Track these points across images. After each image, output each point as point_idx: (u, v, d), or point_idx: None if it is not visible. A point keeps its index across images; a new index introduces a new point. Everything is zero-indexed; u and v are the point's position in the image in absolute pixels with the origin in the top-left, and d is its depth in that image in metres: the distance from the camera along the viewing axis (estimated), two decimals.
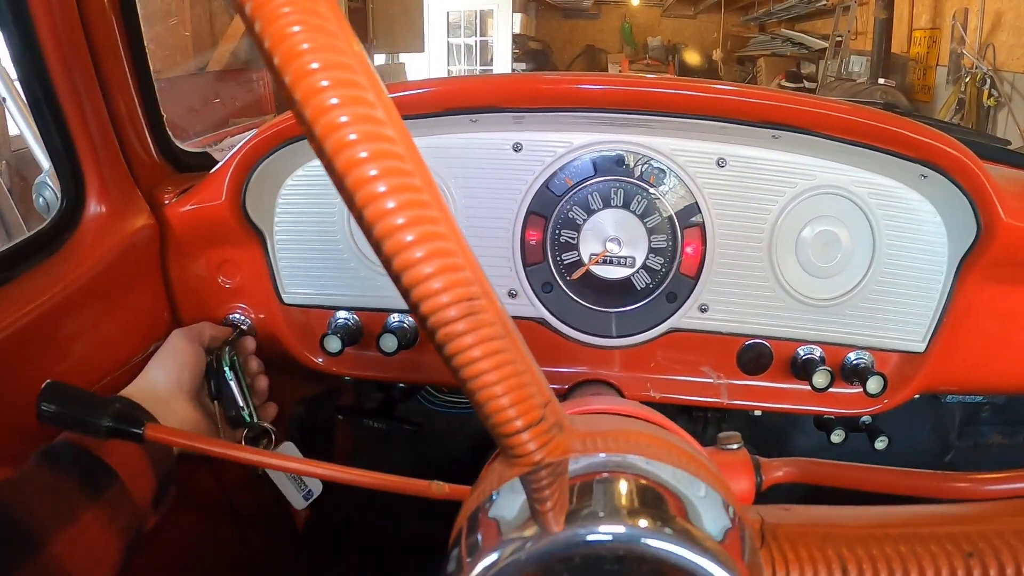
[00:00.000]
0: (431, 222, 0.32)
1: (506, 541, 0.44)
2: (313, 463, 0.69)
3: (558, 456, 0.39)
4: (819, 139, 1.12)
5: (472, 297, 0.33)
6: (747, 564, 0.42)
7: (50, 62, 1.03)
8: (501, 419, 0.36)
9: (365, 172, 0.30)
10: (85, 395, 0.82)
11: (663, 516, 0.43)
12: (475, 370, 0.34)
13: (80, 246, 1.10)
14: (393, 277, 0.32)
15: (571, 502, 0.44)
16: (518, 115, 1.16)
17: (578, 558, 0.42)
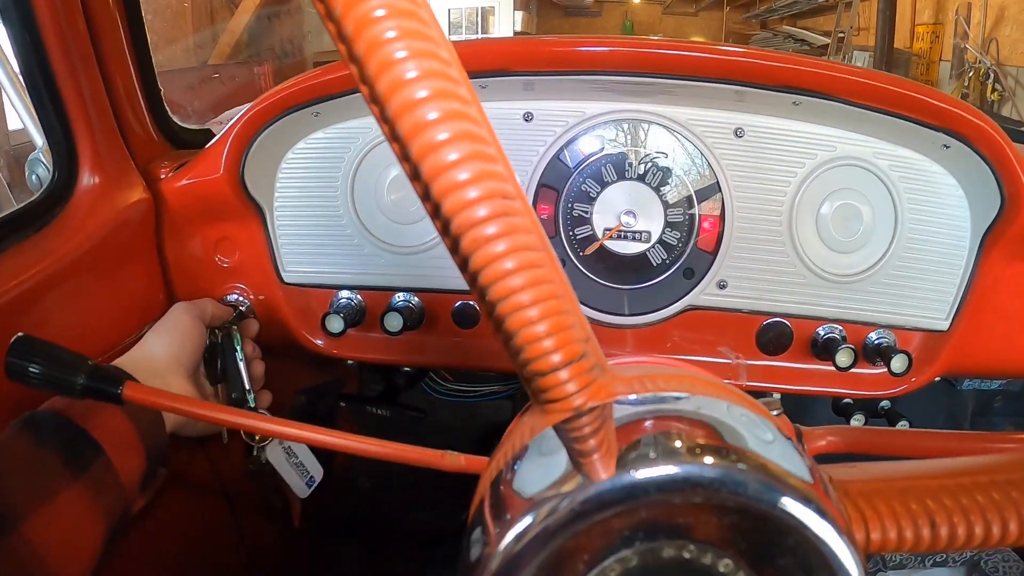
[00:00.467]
0: (461, 101, 0.27)
1: (542, 500, 0.37)
2: (314, 429, 0.63)
3: (602, 399, 0.33)
4: (840, 106, 1.07)
5: (507, 196, 0.28)
6: (836, 506, 0.36)
7: (46, 33, 1.01)
8: (535, 352, 0.30)
9: (381, 32, 0.26)
10: (59, 351, 0.75)
11: (737, 452, 0.37)
12: (506, 288, 0.28)
13: (72, 220, 1.07)
14: (411, 169, 0.27)
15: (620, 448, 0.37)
16: (528, 80, 1.12)
17: (642, 510, 0.35)
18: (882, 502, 0.38)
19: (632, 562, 0.36)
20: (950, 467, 0.40)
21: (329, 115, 1.17)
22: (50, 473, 0.73)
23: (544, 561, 0.36)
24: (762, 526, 0.36)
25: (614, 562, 0.36)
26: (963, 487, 0.37)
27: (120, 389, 0.72)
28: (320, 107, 1.14)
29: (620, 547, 0.36)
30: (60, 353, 0.75)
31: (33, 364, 0.73)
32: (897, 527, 0.37)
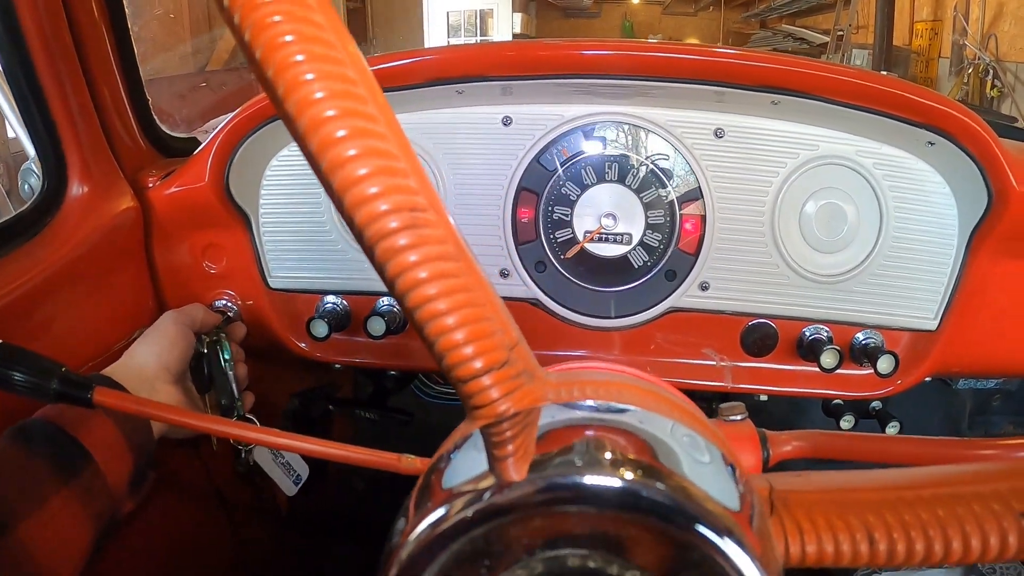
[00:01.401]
0: (367, 119, 0.27)
1: (456, 495, 0.37)
2: (278, 433, 0.64)
3: (526, 405, 0.33)
4: (820, 104, 1.07)
5: (416, 208, 0.28)
6: (755, 532, 0.36)
7: (31, 44, 1.02)
8: (456, 358, 0.31)
9: (289, 56, 0.26)
10: (34, 357, 0.77)
11: (653, 470, 0.36)
12: (421, 296, 0.29)
13: (62, 229, 1.08)
14: (326, 185, 0.27)
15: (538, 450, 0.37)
16: (506, 84, 1.12)
17: (540, 518, 0.35)
18: (820, 515, 0.37)
19: (537, 569, 0.36)
20: (899, 479, 0.39)
21: None
22: (42, 479, 0.76)
23: (449, 559, 0.36)
24: (670, 544, 0.35)
25: (519, 568, 0.36)
26: (906, 501, 0.36)
27: (90, 394, 0.74)
28: None
29: (524, 553, 0.36)
30: (35, 360, 0.77)
31: (10, 370, 0.75)
32: (834, 541, 0.36)
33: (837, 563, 0.37)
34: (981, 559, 0.35)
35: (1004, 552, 0.35)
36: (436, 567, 0.36)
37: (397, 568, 0.36)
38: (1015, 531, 0.35)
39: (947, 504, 0.36)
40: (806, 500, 0.38)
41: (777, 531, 0.37)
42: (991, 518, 0.36)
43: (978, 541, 0.35)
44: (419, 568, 0.36)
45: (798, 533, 0.37)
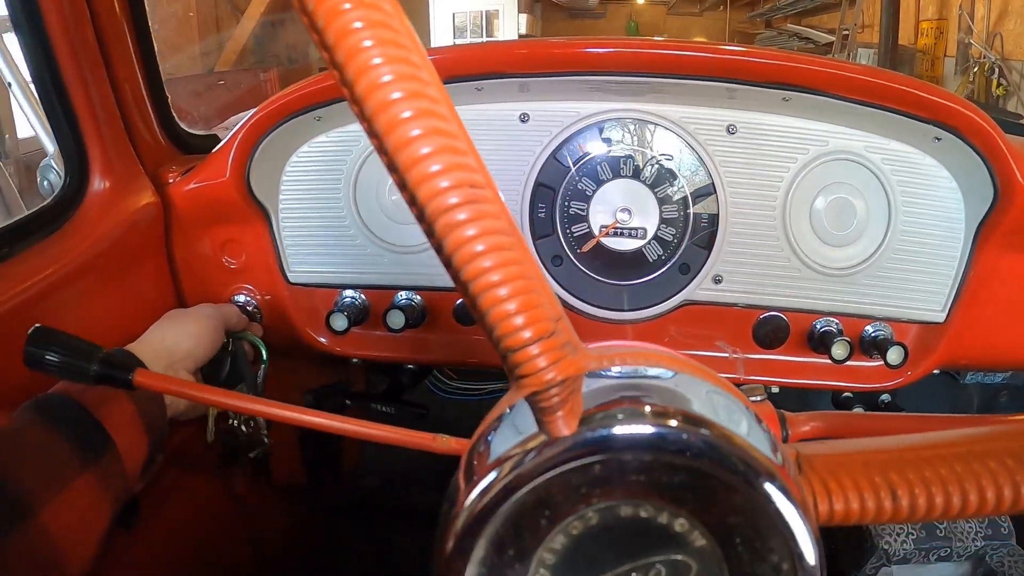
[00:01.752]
0: (431, 100, 0.29)
1: (506, 457, 0.39)
2: (314, 412, 0.66)
3: (571, 373, 0.35)
4: (830, 101, 1.09)
5: (475, 185, 0.30)
6: (795, 483, 0.38)
7: (56, 43, 1.04)
8: (507, 328, 0.33)
9: (359, 42, 0.28)
10: (73, 339, 0.79)
11: (696, 419, 0.38)
12: (478, 268, 0.31)
13: (83, 223, 1.10)
14: (388, 163, 0.30)
15: None
16: (523, 81, 1.15)
17: (598, 467, 0.37)
18: (846, 475, 0.39)
19: (592, 520, 0.38)
20: (917, 442, 0.41)
21: (331, 119, 1.20)
22: (64, 461, 0.77)
23: (508, 516, 0.39)
24: (714, 488, 0.38)
25: (575, 519, 0.38)
26: (925, 459, 0.39)
27: (131, 375, 0.76)
28: (322, 111, 1.17)
29: (580, 504, 0.38)
30: (74, 342, 0.79)
31: (50, 352, 0.77)
32: (860, 498, 0.38)
33: (863, 520, 0.39)
34: (996, 511, 0.37)
35: (1017, 503, 0.37)
36: (496, 525, 0.38)
37: (454, 537, 0.38)
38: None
39: (964, 460, 0.38)
40: (831, 462, 0.40)
41: (807, 491, 0.39)
42: (1004, 472, 0.38)
43: (993, 494, 0.37)
44: (476, 531, 0.38)
45: (826, 493, 0.39)
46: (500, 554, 0.39)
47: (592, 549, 0.39)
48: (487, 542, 0.39)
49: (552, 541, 0.39)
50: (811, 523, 0.37)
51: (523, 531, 0.39)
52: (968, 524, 1.55)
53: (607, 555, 0.39)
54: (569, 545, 0.39)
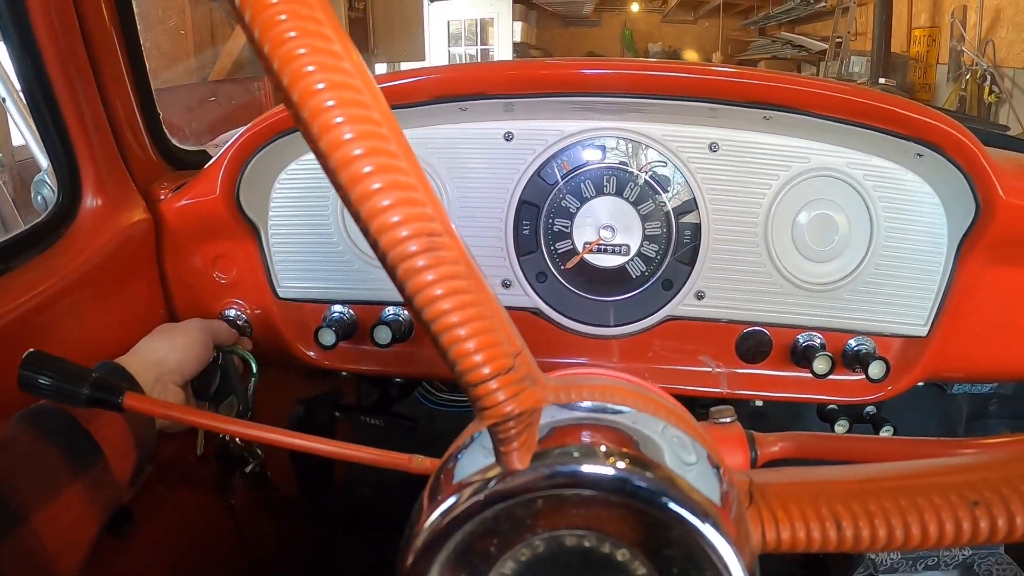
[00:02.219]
0: (390, 155, 0.31)
1: (465, 484, 0.41)
2: (294, 435, 0.68)
3: (529, 406, 0.37)
4: (811, 119, 1.11)
5: (433, 233, 0.32)
6: (734, 520, 0.40)
7: (48, 61, 1.05)
8: (467, 365, 0.35)
9: (323, 103, 0.30)
10: (65, 364, 0.81)
11: (643, 461, 0.41)
12: (437, 310, 0.33)
13: (76, 239, 1.11)
14: (353, 214, 0.31)
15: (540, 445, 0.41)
16: (508, 102, 1.16)
17: (541, 502, 0.40)
18: (794, 504, 0.41)
19: (539, 548, 0.40)
20: (869, 473, 0.43)
21: None
22: (56, 470, 0.79)
23: (461, 543, 0.41)
24: (652, 524, 0.40)
25: (523, 547, 0.40)
26: (871, 492, 0.40)
27: (121, 399, 0.79)
28: None
29: (527, 533, 0.40)
30: (66, 366, 0.81)
31: (43, 376, 0.79)
32: (806, 527, 0.40)
33: (809, 548, 0.40)
34: (938, 544, 0.39)
35: (959, 537, 0.38)
36: (450, 548, 0.41)
37: (413, 554, 0.40)
38: (968, 519, 0.39)
39: (908, 494, 0.40)
40: (782, 492, 0.42)
41: (755, 520, 0.41)
42: (947, 507, 0.39)
43: (935, 528, 0.39)
44: (434, 551, 0.40)
45: (773, 521, 0.41)
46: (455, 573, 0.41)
47: (540, 573, 0.41)
48: (441, 565, 0.41)
49: (503, 566, 0.41)
50: (745, 557, 0.39)
51: (475, 556, 0.41)
52: None
53: None
54: (518, 570, 0.41)
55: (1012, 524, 0.39)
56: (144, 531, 1.18)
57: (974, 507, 0.39)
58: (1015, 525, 0.39)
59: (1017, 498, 0.39)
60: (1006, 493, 0.39)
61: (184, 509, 1.35)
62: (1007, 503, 0.39)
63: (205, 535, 1.43)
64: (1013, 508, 0.39)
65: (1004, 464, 0.42)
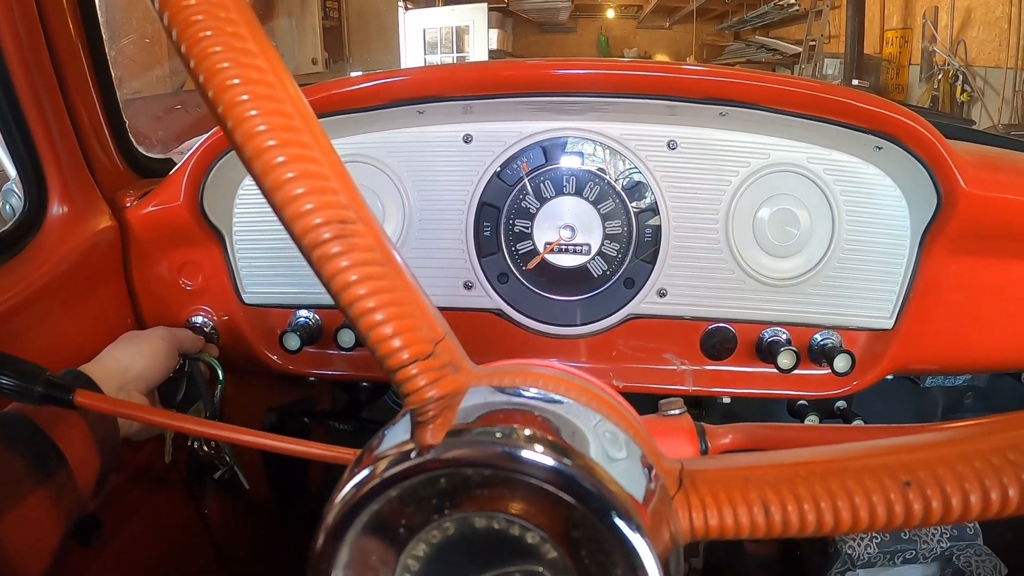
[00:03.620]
0: (302, 146, 0.31)
1: (379, 457, 0.40)
2: (242, 431, 0.68)
3: (449, 391, 0.38)
4: (768, 114, 1.11)
5: (346, 220, 0.32)
6: (651, 509, 0.40)
7: (12, 70, 1.06)
8: (385, 350, 0.35)
9: (236, 97, 0.30)
10: (20, 362, 0.81)
11: (559, 447, 0.40)
12: (352, 295, 0.34)
13: (42, 247, 1.11)
14: (271, 204, 0.32)
15: None
16: (466, 104, 1.16)
17: (451, 479, 0.39)
18: (723, 490, 0.41)
19: (449, 530, 0.40)
20: (801, 457, 0.42)
21: None
22: (18, 477, 0.79)
23: (370, 521, 0.40)
24: (557, 506, 0.39)
25: (433, 528, 0.40)
26: (801, 476, 0.40)
27: (72, 396, 0.79)
28: None
29: (434, 514, 0.40)
30: (20, 364, 0.81)
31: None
32: (733, 513, 0.40)
33: (738, 534, 0.40)
34: (870, 528, 0.38)
35: (891, 520, 0.37)
36: (358, 528, 0.40)
37: (324, 532, 0.40)
38: (900, 501, 0.38)
39: (840, 476, 0.39)
40: (711, 478, 0.42)
41: (683, 506, 0.41)
42: (878, 488, 0.39)
43: (865, 511, 0.38)
44: (344, 528, 0.39)
45: (701, 508, 0.40)
46: (364, 559, 0.41)
47: (453, 557, 0.41)
48: (351, 546, 0.41)
49: (414, 548, 0.41)
50: (656, 542, 0.38)
51: (386, 536, 0.41)
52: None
53: (467, 564, 0.41)
54: (431, 553, 0.41)
55: (946, 505, 0.38)
56: (113, 540, 1.18)
57: (906, 488, 0.38)
58: (950, 506, 0.38)
59: (952, 478, 0.38)
60: (941, 473, 0.38)
61: (153, 517, 1.34)
62: (941, 483, 0.38)
63: (175, 543, 1.42)
64: (948, 489, 0.38)
65: (943, 444, 0.40)
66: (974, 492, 0.37)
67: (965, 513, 0.37)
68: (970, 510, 0.37)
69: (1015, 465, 0.36)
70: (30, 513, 0.78)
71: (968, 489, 0.37)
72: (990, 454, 0.37)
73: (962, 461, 0.38)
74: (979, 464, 0.37)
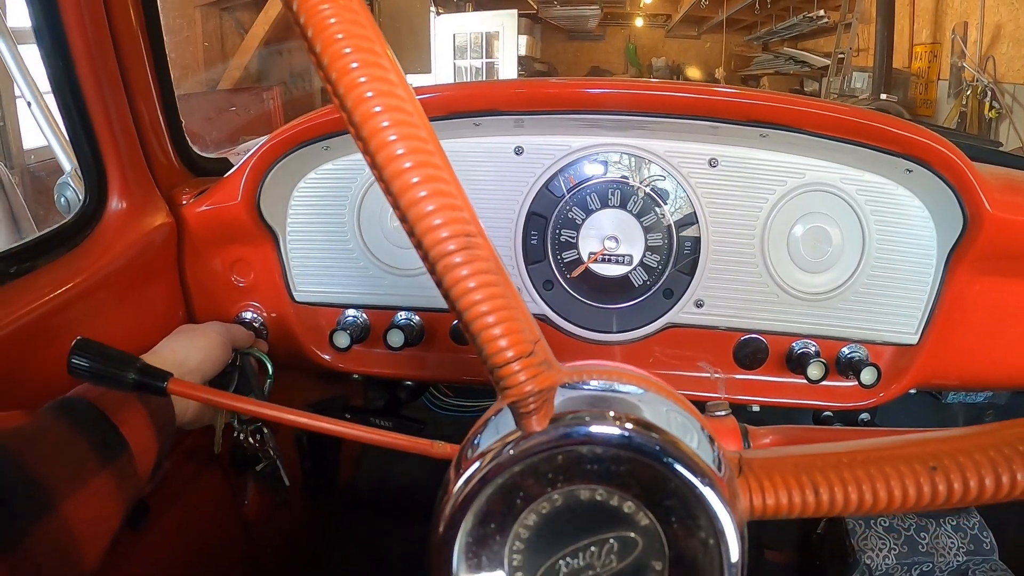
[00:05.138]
0: (435, 167, 0.37)
1: (488, 450, 0.48)
2: (325, 419, 0.74)
3: (546, 386, 0.43)
4: (805, 137, 1.16)
5: (470, 234, 0.38)
6: (726, 481, 0.46)
7: (79, 66, 1.10)
8: (494, 348, 0.41)
9: (379, 124, 0.35)
10: (112, 351, 0.85)
11: (647, 424, 0.47)
12: (470, 300, 0.39)
13: (101, 241, 1.16)
14: (400, 217, 0.37)
15: None
16: (518, 118, 1.21)
17: (558, 458, 0.47)
18: (778, 475, 0.48)
19: (558, 502, 0.47)
20: (844, 448, 0.49)
21: (337, 149, 1.27)
22: (84, 460, 0.82)
23: (489, 499, 0.48)
24: (653, 477, 0.47)
25: (544, 501, 0.47)
26: (846, 462, 0.47)
27: (165, 383, 0.84)
28: (329, 142, 1.24)
29: (547, 488, 0.47)
30: (112, 352, 0.86)
31: (92, 361, 0.84)
32: (788, 494, 0.47)
33: (791, 513, 0.47)
34: (903, 507, 0.46)
35: (920, 499, 0.45)
36: (479, 504, 0.48)
37: (444, 521, 0.46)
38: (928, 483, 0.45)
39: (877, 463, 0.47)
40: (767, 464, 0.48)
41: (743, 488, 0.48)
42: (910, 473, 0.46)
43: (899, 491, 0.45)
44: (463, 512, 0.46)
45: (760, 489, 0.47)
46: (484, 527, 0.48)
47: (558, 526, 0.48)
48: (473, 517, 0.48)
49: (526, 519, 0.48)
50: (734, 511, 0.45)
51: (501, 510, 0.48)
52: (950, 539, 1.60)
53: (570, 531, 0.48)
54: (539, 522, 0.48)
55: (966, 487, 0.45)
56: (157, 525, 1.22)
57: (933, 472, 0.45)
58: (969, 488, 0.45)
59: (971, 464, 0.45)
60: (962, 460, 0.46)
61: (196, 505, 1.39)
62: (963, 469, 0.45)
63: (215, 531, 1.46)
64: (967, 473, 0.45)
65: (963, 437, 0.48)
66: (988, 476, 0.45)
67: (981, 495, 0.45)
68: (985, 491, 0.45)
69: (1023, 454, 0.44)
70: (93, 496, 0.81)
71: (984, 474, 0.45)
72: (1003, 445, 0.46)
73: (979, 451, 0.46)
74: (993, 454, 0.46)
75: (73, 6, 1.06)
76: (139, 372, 0.85)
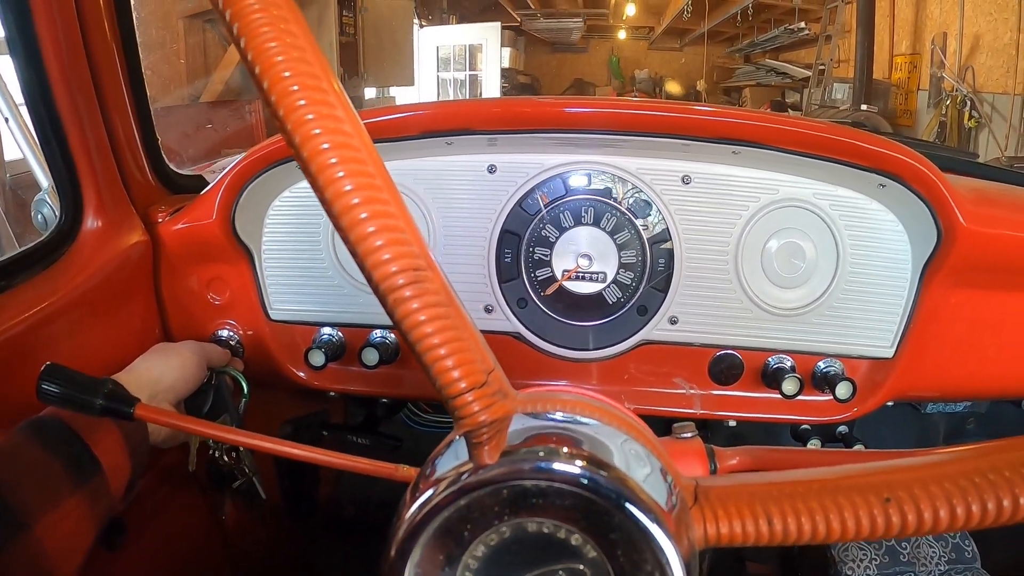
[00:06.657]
0: (383, 203, 0.37)
1: (441, 478, 0.49)
2: (291, 444, 0.73)
3: (499, 416, 0.44)
4: (777, 153, 1.16)
5: (418, 268, 0.38)
6: (674, 516, 0.47)
7: (54, 85, 1.09)
8: (447, 379, 0.41)
9: (327, 160, 0.36)
10: (80, 376, 0.85)
11: (596, 460, 0.48)
12: (421, 332, 0.39)
13: (76, 259, 1.15)
14: (351, 250, 0.37)
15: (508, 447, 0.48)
16: (491, 137, 1.22)
17: (506, 491, 0.47)
18: (732, 504, 0.48)
19: (506, 533, 0.48)
20: (800, 476, 0.50)
21: None
22: (57, 480, 0.82)
23: (438, 529, 0.48)
24: (598, 512, 0.47)
25: (492, 532, 0.47)
26: (801, 492, 0.47)
27: (132, 409, 0.84)
28: None
29: (495, 520, 0.48)
30: (80, 378, 0.85)
31: (59, 387, 0.83)
32: (741, 523, 0.47)
33: (745, 541, 0.47)
34: (856, 537, 0.46)
35: (873, 531, 0.45)
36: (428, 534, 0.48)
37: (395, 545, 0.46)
38: (881, 514, 0.45)
39: (831, 493, 0.47)
40: (722, 493, 0.49)
41: (697, 517, 0.48)
42: (863, 504, 0.46)
43: (852, 522, 0.46)
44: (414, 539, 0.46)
45: (714, 518, 0.48)
46: (433, 556, 0.49)
47: (507, 557, 0.49)
48: (422, 548, 0.49)
49: (475, 549, 0.49)
50: (680, 544, 0.46)
51: (450, 540, 0.49)
52: (932, 548, 1.60)
53: (519, 562, 0.49)
54: (488, 553, 0.49)
55: (920, 518, 0.45)
56: (135, 544, 1.21)
57: (886, 503, 0.45)
58: (923, 519, 0.45)
59: (925, 496, 0.45)
60: (917, 492, 0.45)
61: (174, 523, 1.38)
62: (916, 500, 0.45)
63: (193, 549, 1.45)
64: (921, 505, 0.45)
65: (921, 467, 0.48)
66: (943, 508, 0.45)
67: (935, 526, 0.45)
68: (939, 523, 0.45)
69: (978, 487, 0.44)
70: (66, 515, 0.81)
71: (938, 506, 0.45)
72: (958, 477, 0.45)
73: (934, 482, 0.46)
74: (948, 485, 0.45)
75: (47, 21, 1.06)
76: (106, 398, 0.84)
